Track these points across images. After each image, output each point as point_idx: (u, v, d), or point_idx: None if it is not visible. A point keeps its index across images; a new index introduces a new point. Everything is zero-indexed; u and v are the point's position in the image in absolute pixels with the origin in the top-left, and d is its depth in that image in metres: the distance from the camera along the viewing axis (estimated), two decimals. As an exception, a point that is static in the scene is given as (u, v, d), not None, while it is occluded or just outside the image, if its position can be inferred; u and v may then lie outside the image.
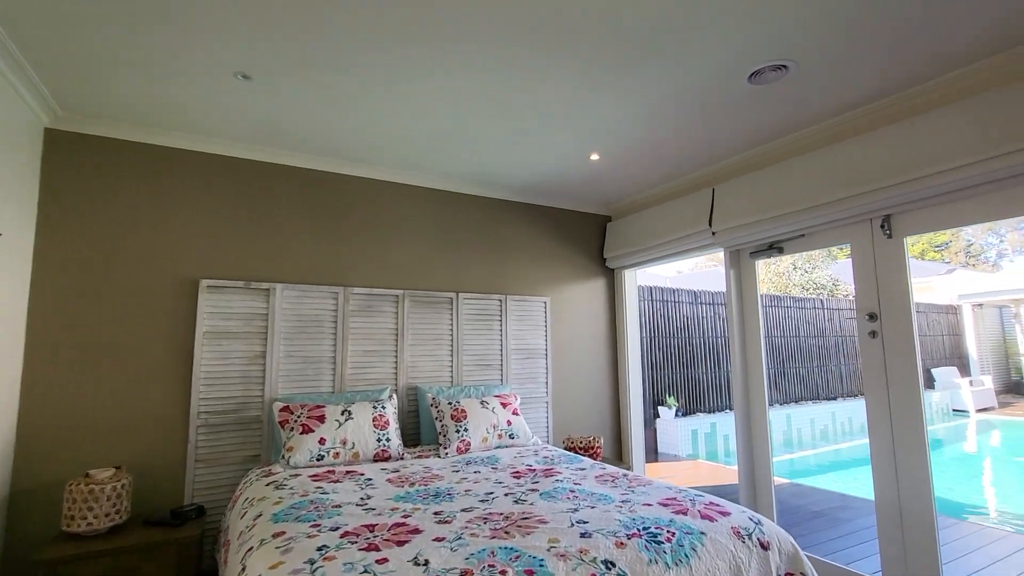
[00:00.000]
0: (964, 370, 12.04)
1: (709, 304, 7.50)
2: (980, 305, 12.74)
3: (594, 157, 3.20)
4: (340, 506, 1.91)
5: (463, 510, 1.86)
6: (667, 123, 2.75)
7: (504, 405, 3.21)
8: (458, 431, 2.96)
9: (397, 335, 3.34)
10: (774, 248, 3.13)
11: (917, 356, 2.46)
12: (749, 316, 3.26)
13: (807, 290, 11.96)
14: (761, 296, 3.31)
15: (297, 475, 2.36)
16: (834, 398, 8.88)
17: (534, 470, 2.50)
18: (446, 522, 1.72)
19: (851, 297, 11.48)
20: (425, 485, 2.23)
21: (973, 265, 19.16)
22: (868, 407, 2.63)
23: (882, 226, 2.59)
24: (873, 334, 2.62)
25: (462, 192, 3.73)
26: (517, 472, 2.47)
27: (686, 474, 5.41)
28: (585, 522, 1.69)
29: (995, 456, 8.20)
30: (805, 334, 8.72)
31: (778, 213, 2.91)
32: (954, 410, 10.92)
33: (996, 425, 10.29)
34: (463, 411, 3.04)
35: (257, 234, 3.03)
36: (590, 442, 3.60)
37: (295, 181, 3.17)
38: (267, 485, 2.22)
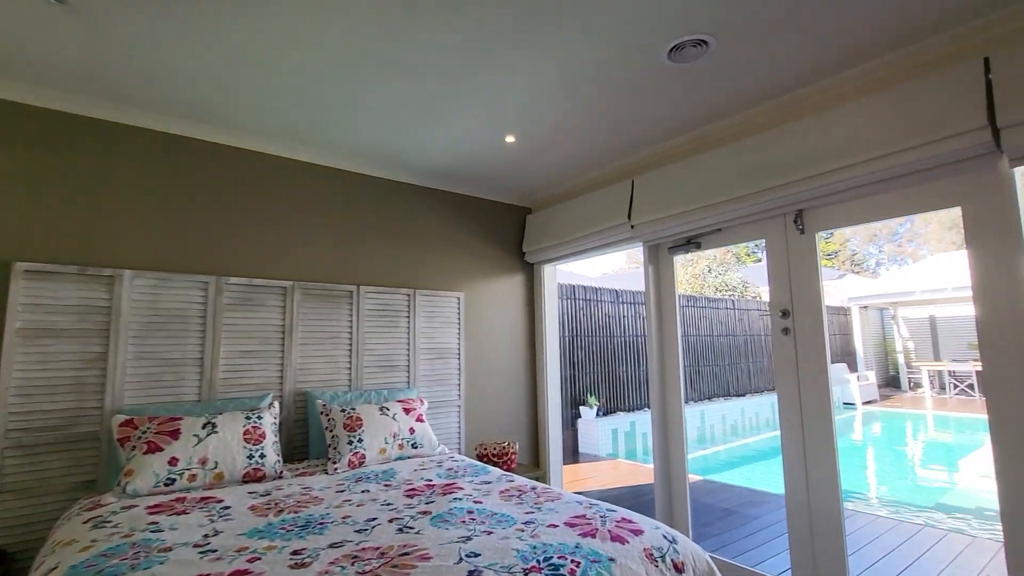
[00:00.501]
0: (852, 366, 13.21)
1: (630, 303, 7.56)
2: (865, 307, 14.04)
3: (509, 139, 2.95)
4: (170, 549, 1.50)
5: (331, 546, 1.52)
6: (584, 103, 2.55)
7: (408, 411, 2.87)
8: (351, 442, 2.58)
9: (284, 333, 2.90)
10: (692, 243, 3.04)
11: (827, 353, 2.43)
12: (667, 312, 3.16)
13: (719, 291, 12.56)
14: (679, 295, 3.23)
15: (132, 507, 1.89)
16: (743, 394, 9.33)
17: (433, 486, 2.19)
18: (302, 566, 1.37)
19: (759, 298, 12.21)
20: (296, 512, 1.85)
21: (857, 272, 21.25)
22: (780, 403, 2.58)
23: (795, 221, 2.54)
24: (786, 331, 2.57)
25: (366, 173, 3.35)
26: (413, 489, 2.15)
27: (606, 475, 5.33)
28: (476, 555, 1.41)
29: (876, 445, 8.96)
30: (718, 333, 9.08)
31: (695, 206, 2.81)
32: (844, 403, 11.91)
33: (878, 416, 11.29)
34: (358, 419, 2.67)
35: (99, 208, 2.48)
36: (504, 448, 3.35)
37: (150, 146, 2.64)
38: (85, 523, 1.74)
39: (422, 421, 2.89)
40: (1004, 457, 1.88)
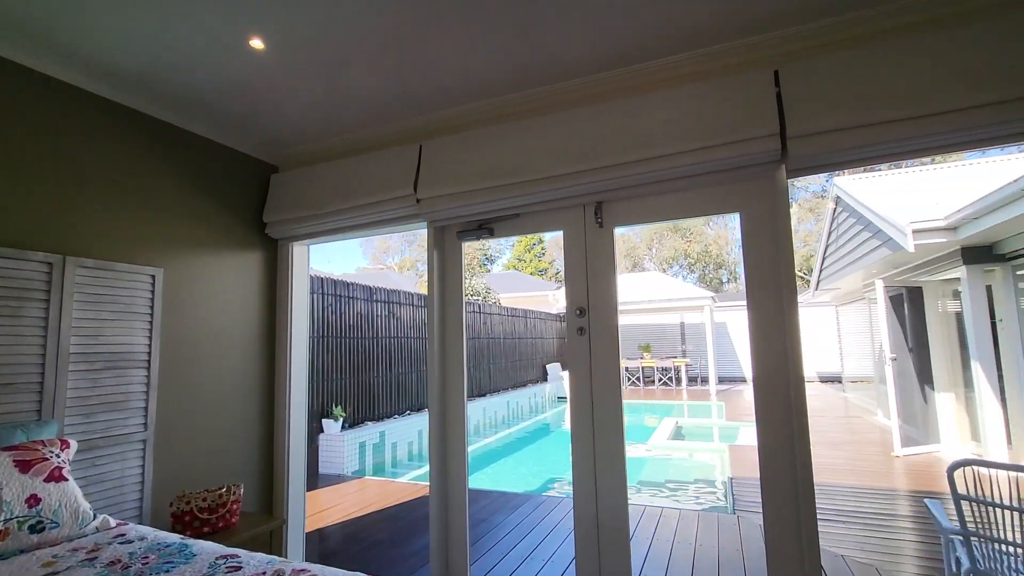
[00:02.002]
0: (565, 365, 15.46)
1: (384, 302, 6.92)
2: (575, 314, 16.61)
3: (256, 44, 2.02)
4: None
5: None
6: (366, 22, 1.88)
7: (26, 465, 1.63)
8: None
9: None
10: (484, 228, 2.65)
11: (619, 353, 2.35)
12: (452, 304, 2.69)
13: (467, 294, 13.04)
14: (424, 296, 2.80)
15: None
16: (484, 395, 9.71)
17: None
18: None
19: (498, 303, 13.11)
20: None
21: (559, 285, 25.46)
22: (572, 407, 2.40)
23: (595, 213, 2.41)
24: (581, 330, 2.40)
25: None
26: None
27: (352, 499, 4.55)
28: None
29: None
30: (466, 335, 9.25)
31: (490, 184, 2.44)
32: (559, 397, 13.77)
33: (582, 406, 13.29)
34: None
35: None
36: (221, 498, 2.31)
37: None
38: None
39: (61, 479, 1.69)
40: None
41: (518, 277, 21.78)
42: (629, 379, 14.66)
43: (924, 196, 6.48)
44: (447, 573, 2.54)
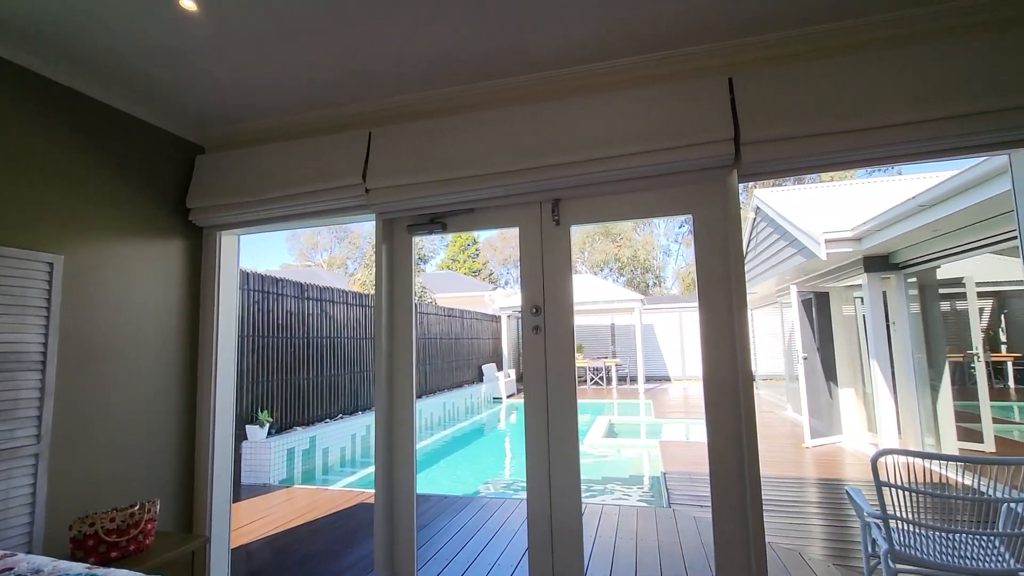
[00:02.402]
0: (500, 365, 15.47)
1: (316, 300, 6.54)
2: (509, 316, 16.74)
3: (188, 4, 1.80)
4: None
5: None
6: (336, -11, 1.74)
7: None
8: None
9: None
10: (436, 223, 2.55)
11: (574, 352, 2.33)
12: (400, 300, 2.56)
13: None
14: (359, 295, 2.68)
15: None
16: (420, 396, 9.48)
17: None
18: None
19: (434, 303, 12.87)
20: None
21: (495, 285, 25.62)
22: (527, 405, 2.34)
23: (552, 211, 2.38)
24: (536, 329, 2.36)
25: None
26: None
27: (280, 511, 4.24)
28: None
29: (513, 432, 10.56)
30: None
31: (445, 177, 2.34)
32: (493, 398, 13.76)
33: (516, 407, 13.43)
34: None
35: None
36: (132, 517, 2.04)
37: None
38: None
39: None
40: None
41: (454, 277, 21.55)
42: (562, 379, 14.90)
43: (835, 209, 7.12)
44: (393, 584, 2.41)
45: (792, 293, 7.07)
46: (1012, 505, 2.26)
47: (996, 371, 9.27)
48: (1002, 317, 10.15)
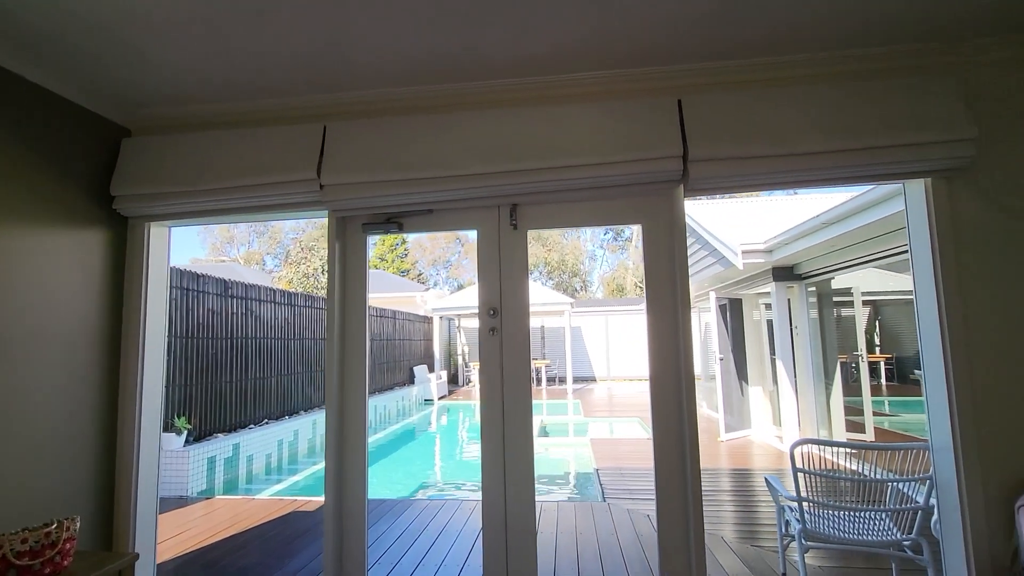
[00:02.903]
0: (432, 367, 15.30)
1: (241, 298, 6.14)
2: (442, 317, 16.62)
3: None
4: None
5: None
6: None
7: None
8: None
9: None
10: (392, 222, 2.53)
11: (529, 353, 2.41)
12: (353, 300, 2.51)
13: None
14: (288, 293, 2.63)
15: None
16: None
17: None
18: None
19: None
20: None
21: (426, 286, 25.32)
22: (483, 407, 2.39)
23: (510, 215, 2.44)
24: (493, 331, 2.41)
25: None
26: None
27: (200, 526, 3.94)
28: None
29: (443, 435, 10.54)
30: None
31: (404, 177, 2.33)
32: (425, 400, 13.59)
33: (447, 409, 13.38)
34: None
35: None
36: (47, 538, 1.83)
37: None
38: None
39: None
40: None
41: (385, 277, 21.00)
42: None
43: (746, 224, 7.79)
44: (341, 592, 2.34)
45: (712, 299, 7.64)
46: (898, 485, 2.63)
47: (872, 370, 10.60)
48: (877, 323, 11.63)
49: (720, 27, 1.99)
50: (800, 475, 2.56)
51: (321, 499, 4.55)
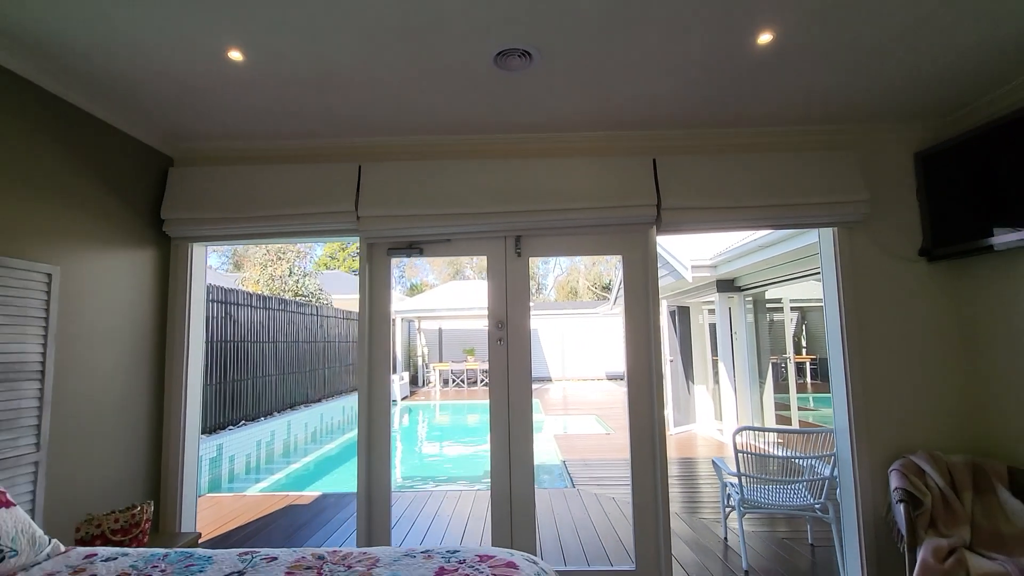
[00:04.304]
0: (394, 368, 15.47)
1: (220, 302, 6.28)
2: (404, 319, 16.79)
3: (235, 55, 2.04)
4: None
5: None
6: (350, 41, 2.12)
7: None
8: None
9: None
10: (414, 248, 2.97)
11: (531, 360, 2.91)
12: (379, 315, 2.93)
13: (298, 295, 12.15)
14: (265, 298, 3.04)
15: None
16: (320, 400, 9.30)
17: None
18: None
19: (333, 304, 12.53)
20: None
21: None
22: (491, 405, 2.87)
23: (516, 244, 2.94)
24: (500, 340, 2.90)
25: None
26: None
27: (207, 519, 4.18)
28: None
29: (403, 434, 10.84)
30: (303, 339, 8.75)
31: (428, 212, 2.79)
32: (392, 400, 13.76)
33: (409, 409, 13.62)
34: None
35: None
36: (133, 518, 2.17)
37: None
38: None
39: (8, 504, 1.53)
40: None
41: (342, 277, 20.81)
42: (454, 381, 15.43)
43: (694, 242, 8.64)
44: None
45: (663, 306, 8.43)
46: (812, 462, 3.33)
47: (799, 370, 11.84)
48: (803, 327, 12.97)
49: (684, 106, 2.57)
50: (739, 456, 3.21)
51: (313, 493, 4.87)
